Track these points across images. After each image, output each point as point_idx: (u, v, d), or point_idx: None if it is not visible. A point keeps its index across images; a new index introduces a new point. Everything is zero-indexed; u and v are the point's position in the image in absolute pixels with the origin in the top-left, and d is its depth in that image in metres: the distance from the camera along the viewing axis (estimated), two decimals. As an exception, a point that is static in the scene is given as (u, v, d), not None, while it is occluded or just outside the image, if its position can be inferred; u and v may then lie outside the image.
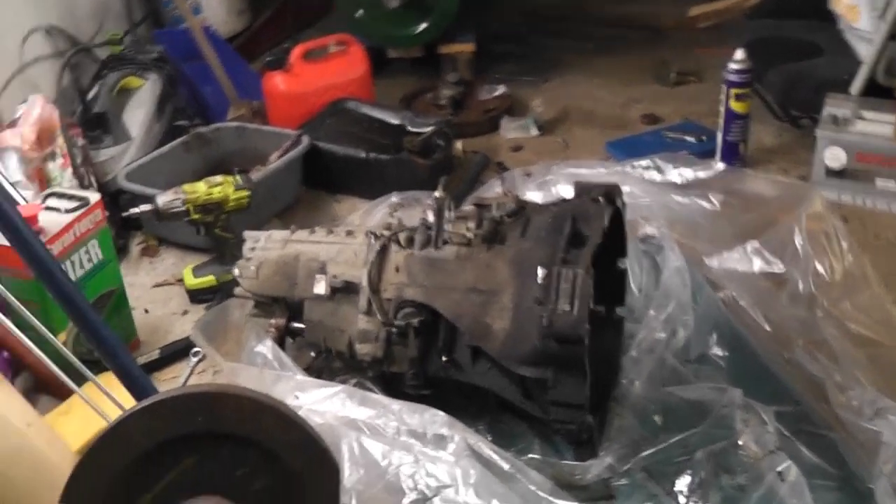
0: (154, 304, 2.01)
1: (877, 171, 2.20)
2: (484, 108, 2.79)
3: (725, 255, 1.72)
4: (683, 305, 1.53)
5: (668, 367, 1.48)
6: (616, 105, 2.87)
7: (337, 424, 1.28)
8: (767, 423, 1.37)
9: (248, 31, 3.30)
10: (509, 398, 1.42)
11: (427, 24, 2.87)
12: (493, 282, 1.38)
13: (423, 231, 1.49)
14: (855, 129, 2.23)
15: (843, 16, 2.38)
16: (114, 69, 2.45)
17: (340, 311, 1.49)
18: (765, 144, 2.53)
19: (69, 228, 1.67)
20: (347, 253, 1.52)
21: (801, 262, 1.63)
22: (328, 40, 2.64)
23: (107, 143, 2.29)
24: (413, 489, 1.19)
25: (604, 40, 3.33)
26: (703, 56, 3.10)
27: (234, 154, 2.39)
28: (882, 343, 1.53)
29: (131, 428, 1.21)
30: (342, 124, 2.47)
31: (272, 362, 1.45)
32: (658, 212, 1.76)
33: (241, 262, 1.59)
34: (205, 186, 1.89)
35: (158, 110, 2.43)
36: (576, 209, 1.42)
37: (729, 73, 2.30)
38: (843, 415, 1.39)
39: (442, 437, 1.26)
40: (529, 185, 1.87)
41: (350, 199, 2.36)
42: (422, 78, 3.02)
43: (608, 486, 1.36)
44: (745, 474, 1.34)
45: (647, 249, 1.70)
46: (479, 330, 1.37)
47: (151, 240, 2.21)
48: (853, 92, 2.31)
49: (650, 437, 1.39)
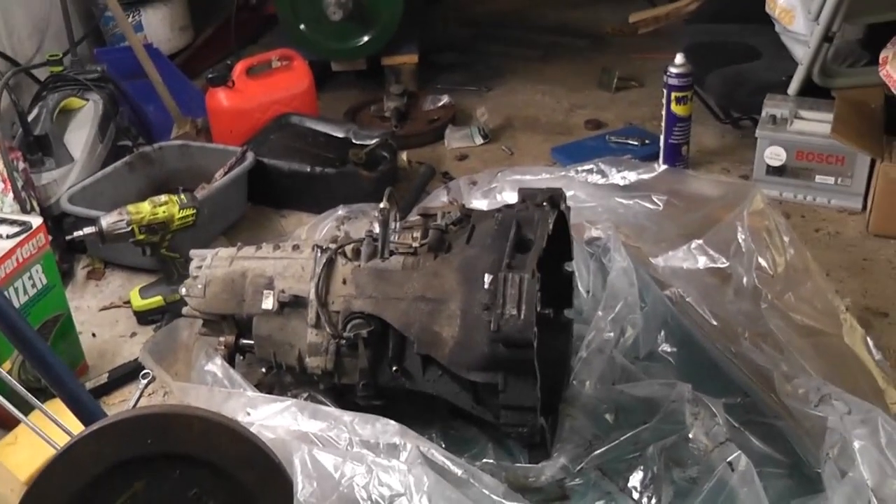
0: (101, 327, 1.98)
1: (816, 168, 2.26)
2: (428, 119, 2.81)
3: (671, 254, 1.74)
4: (631, 305, 1.55)
5: (618, 366, 1.50)
6: (560, 111, 2.91)
7: (289, 439, 1.28)
8: (717, 416, 1.39)
9: (190, 48, 3.28)
10: (461, 404, 1.42)
11: (370, 36, 2.88)
12: (440, 290, 1.39)
13: (369, 243, 1.49)
14: (794, 128, 2.28)
15: (779, 19, 2.44)
16: (54, 90, 2.41)
17: (289, 326, 1.49)
18: (707, 146, 2.58)
19: (11, 254, 1.65)
20: (294, 267, 1.51)
21: (745, 258, 1.66)
22: (271, 55, 2.63)
23: (49, 165, 2.26)
24: (367, 499, 1.19)
25: (546, 48, 3.37)
26: (644, 61, 3.15)
27: (179, 173, 2.37)
28: (825, 332, 1.56)
29: (80, 454, 1.19)
30: (287, 139, 2.46)
31: (222, 380, 1.45)
32: (603, 215, 1.78)
33: (189, 282, 1.58)
34: (149, 206, 1.87)
35: (101, 131, 2.40)
36: (520, 215, 1.44)
37: (669, 78, 2.34)
38: (790, 403, 1.42)
39: (394, 447, 1.26)
40: (475, 194, 1.88)
41: (296, 213, 2.35)
42: (366, 90, 3.03)
43: (562, 487, 1.37)
44: (696, 466, 1.36)
45: (594, 251, 1.72)
46: (429, 338, 1.37)
47: (97, 262, 2.18)
48: (791, 92, 2.36)
49: (602, 435, 1.41)
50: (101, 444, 1.19)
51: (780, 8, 2.41)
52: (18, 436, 1.56)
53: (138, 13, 3.07)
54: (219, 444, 1.21)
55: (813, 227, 2.19)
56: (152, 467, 1.21)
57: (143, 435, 1.19)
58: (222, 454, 1.21)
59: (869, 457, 1.24)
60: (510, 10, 3.77)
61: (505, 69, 3.20)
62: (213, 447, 1.21)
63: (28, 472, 1.47)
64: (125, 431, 1.20)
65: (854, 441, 1.26)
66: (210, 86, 2.55)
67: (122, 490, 1.21)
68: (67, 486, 1.18)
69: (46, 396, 1.40)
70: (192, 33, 3.31)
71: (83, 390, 1.35)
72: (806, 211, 2.26)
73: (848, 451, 1.26)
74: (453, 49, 3.34)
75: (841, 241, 2.13)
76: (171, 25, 3.18)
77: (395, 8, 2.83)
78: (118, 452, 1.19)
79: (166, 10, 3.16)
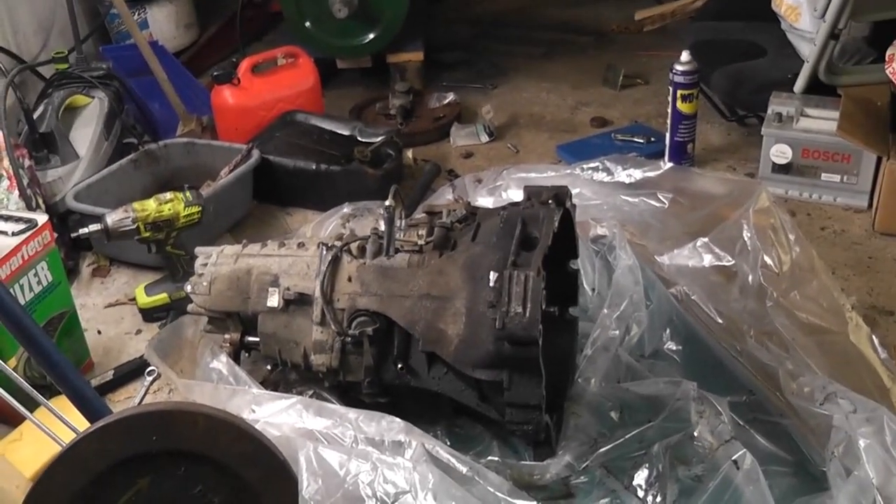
0: (106, 324, 1.98)
1: (821, 166, 2.25)
2: (434, 117, 2.80)
3: (676, 252, 1.73)
4: (636, 302, 1.55)
5: (623, 364, 1.50)
6: (565, 109, 2.90)
7: (294, 436, 1.28)
8: (722, 414, 1.39)
9: (195, 46, 3.28)
10: (466, 402, 1.42)
11: (375, 34, 2.88)
12: (445, 287, 1.38)
13: (374, 240, 1.49)
14: (799, 126, 2.27)
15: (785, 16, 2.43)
16: (60, 87, 2.42)
17: (294, 323, 1.49)
18: (712, 144, 2.58)
19: (17, 251, 1.65)
20: (300, 265, 1.51)
21: (750, 256, 1.66)
22: (276, 53, 2.63)
23: (54, 163, 2.26)
24: (372, 497, 1.19)
25: (551, 45, 3.37)
26: (649, 59, 3.14)
27: (184, 170, 2.38)
28: (831, 330, 1.55)
29: (85, 451, 1.20)
30: (292, 137, 2.46)
31: (227, 377, 1.45)
32: (608, 213, 1.77)
33: (194, 279, 1.58)
34: (155, 204, 1.87)
35: (106, 128, 2.40)
36: (526, 213, 1.43)
37: (675, 75, 2.34)
38: (795, 402, 1.42)
39: (399, 444, 1.26)
40: (480, 191, 1.88)
41: (301, 211, 2.35)
42: (371, 88, 3.03)
43: (567, 485, 1.37)
44: (701, 465, 1.36)
45: (599, 249, 1.72)
46: (434, 336, 1.37)
47: (102, 260, 2.19)
48: (797, 90, 2.36)
49: (607, 433, 1.41)
50: (106, 441, 1.19)
51: (786, 5, 2.41)
52: (24, 432, 1.56)
53: (143, 10, 3.08)
54: (223, 442, 1.21)
55: (819, 225, 2.19)
56: (157, 464, 1.21)
57: (147, 432, 1.20)
58: (227, 451, 1.21)
59: (874, 455, 1.23)
60: (512, 9, 3.76)
61: (509, 67, 3.19)
62: (218, 444, 1.21)
63: (33, 468, 1.47)
64: (130, 428, 1.20)
65: (859, 439, 1.25)
66: (215, 83, 2.55)
67: (126, 487, 1.22)
68: (72, 482, 1.19)
69: (52, 393, 1.40)
70: (197, 31, 3.31)
71: (88, 387, 1.35)
72: (811, 209, 2.26)
73: (853, 449, 1.25)
74: (457, 47, 3.34)
75: (846, 239, 2.12)
76: (176, 23, 3.18)
77: (400, 5, 2.83)
78: (123, 449, 1.20)
79: (171, 7, 3.16)
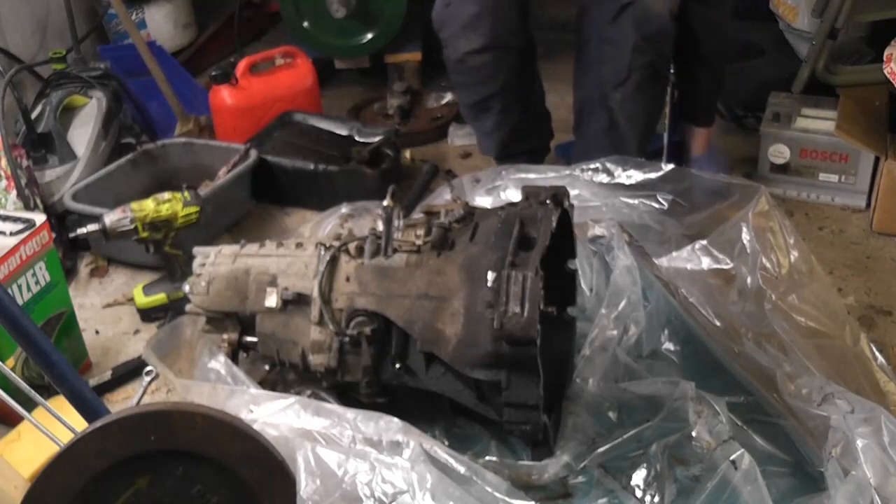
0: (105, 324, 1.98)
1: (819, 166, 2.26)
2: (432, 117, 2.81)
3: (674, 254, 1.74)
4: (634, 303, 1.55)
5: (621, 364, 1.49)
6: (563, 109, 2.89)
7: (292, 436, 1.28)
8: (720, 414, 1.39)
9: (193, 46, 3.28)
10: (464, 402, 1.42)
11: (373, 33, 2.88)
12: (443, 287, 1.38)
13: (372, 240, 1.49)
14: (797, 126, 2.28)
15: (783, 16, 2.44)
16: (57, 87, 2.42)
17: (292, 323, 1.49)
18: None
19: (14, 251, 1.65)
20: (298, 265, 1.51)
21: (749, 259, 1.66)
22: (274, 53, 2.63)
23: (52, 163, 2.26)
24: (370, 496, 1.19)
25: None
26: (648, 58, 3.13)
27: (182, 170, 2.38)
28: (828, 333, 1.56)
29: (84, 450, 1.20)
30: (290, 137, 2.46)
31: (225, 377, 1.45)
32: (607, 214, 1.77)
33: (192, 279, 1.58)
34: (153, 204, 1.87)
35: (104, 128, 2.40)
36: (524, 213, 1.43)
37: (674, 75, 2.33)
38: (793, 403, 1.42)
39: (397, 444, 1.26)
40: (478, 191, 1.88)
41: (300, 211, 2.35)
42: (369, 88, 3.03)
43: (565, 485, 1.37)
44: (699, 465, 1.36)
45: (597, 250, 1.72)
46: (432, 336, 1.37)
47: (100, 260, 2.19)
48: (795, 90, 2.36)
49: (605, 433, 1.40)
50: (105, 441, 1.19)
51: (785, 5, 2.41)
52: (22, 432, 1.56)
53: (141, 10, 3.08)
54: (222, 442, 1.21)
55: (816, 224, 2.19)
56: (155, 464, 1.21)
57: (146, 432, 1.20)
58: (225, 451, 1.21)
59: (872, 455, 1.23)
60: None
61: (508, 67, 3.18)
62: (217, 444, 1.21)
63: (31, 468, 1.47)
64: (128, 428, 1.20)
65: (857, 440, 1.25)
66: (213, 83, 2.55)
67: (125, 487, 1.22)
68: (70, 483, 1.19)
69: (50, 393, 1.40)
70: (195, 31, 3.31)
71: (86, 387, 1.35)
72: (809, 209, 2.26)
73: (851, 449, 1.26)
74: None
75: (844, 239, 2.13)
76: (174, 23, 3.18)
77: (398, 5, 2.83)
78: (121, 449, 1.20)
79: (169, 7, 3.15)
